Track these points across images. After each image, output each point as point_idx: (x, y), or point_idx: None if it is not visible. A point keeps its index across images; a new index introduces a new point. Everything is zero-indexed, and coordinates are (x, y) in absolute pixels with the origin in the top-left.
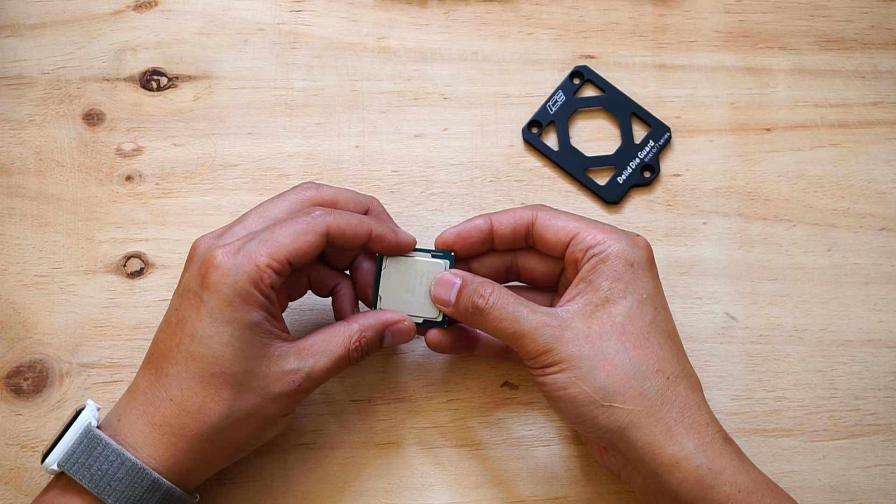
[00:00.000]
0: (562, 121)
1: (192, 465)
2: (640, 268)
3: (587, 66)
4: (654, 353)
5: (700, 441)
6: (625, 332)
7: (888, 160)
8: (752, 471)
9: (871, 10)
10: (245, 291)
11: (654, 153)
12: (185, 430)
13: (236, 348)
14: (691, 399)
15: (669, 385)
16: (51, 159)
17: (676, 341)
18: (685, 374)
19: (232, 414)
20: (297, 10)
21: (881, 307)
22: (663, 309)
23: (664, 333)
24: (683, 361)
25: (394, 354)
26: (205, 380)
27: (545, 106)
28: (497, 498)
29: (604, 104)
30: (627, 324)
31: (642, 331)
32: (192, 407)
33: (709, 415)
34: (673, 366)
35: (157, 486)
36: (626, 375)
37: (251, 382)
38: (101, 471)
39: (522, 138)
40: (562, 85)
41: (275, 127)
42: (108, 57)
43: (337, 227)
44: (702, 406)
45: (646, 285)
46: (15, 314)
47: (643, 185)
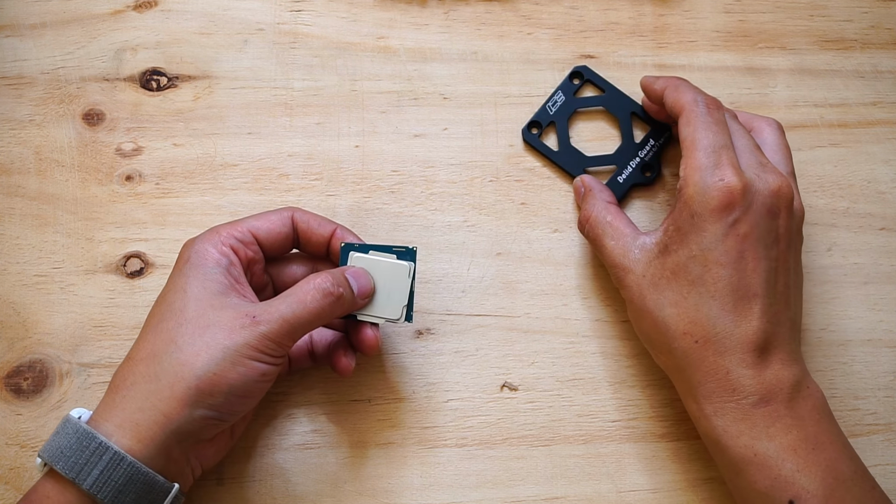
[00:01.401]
0: (562, 121)
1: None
2: (702, 219)
3: (587, 66)
4: (687, 315)
5: (719, 406)
6: (669, 286)
7: (888, 160)
8: (778, 436)
9: (871, 10)
10: (203, 250)
11: (655, 152)
12: (136, 378)
13: (191, 294)
14: (718, 364)
15: (696, 349)
16: (51, 159)
17: (723, 300)
18: (718, 337)
19: (178, 348)
20: (296, 10)
21: (881, 307)
22: (717, 265)
23: (707, 293)
24: (723, 322)
25: (394, 354)
26: (158, 327)
27: (545, 106)
28: (497, 498)
29: (604, 104)
30: (672, 279)
31: (682, 289)
32: (143, 353)
33: (741, 380)
34: (704, 328)
35: (102, 448)
36: (659, 332)
37: (199, 319)
38: (58, 444)
39: (522, 139)
40: (561, 85)
41: (275, 127)
42: (108, 57)
43: (303, 216)
44: (732, 371)
45: (701, 240)
46: (15, 314)
47: (644, 185)
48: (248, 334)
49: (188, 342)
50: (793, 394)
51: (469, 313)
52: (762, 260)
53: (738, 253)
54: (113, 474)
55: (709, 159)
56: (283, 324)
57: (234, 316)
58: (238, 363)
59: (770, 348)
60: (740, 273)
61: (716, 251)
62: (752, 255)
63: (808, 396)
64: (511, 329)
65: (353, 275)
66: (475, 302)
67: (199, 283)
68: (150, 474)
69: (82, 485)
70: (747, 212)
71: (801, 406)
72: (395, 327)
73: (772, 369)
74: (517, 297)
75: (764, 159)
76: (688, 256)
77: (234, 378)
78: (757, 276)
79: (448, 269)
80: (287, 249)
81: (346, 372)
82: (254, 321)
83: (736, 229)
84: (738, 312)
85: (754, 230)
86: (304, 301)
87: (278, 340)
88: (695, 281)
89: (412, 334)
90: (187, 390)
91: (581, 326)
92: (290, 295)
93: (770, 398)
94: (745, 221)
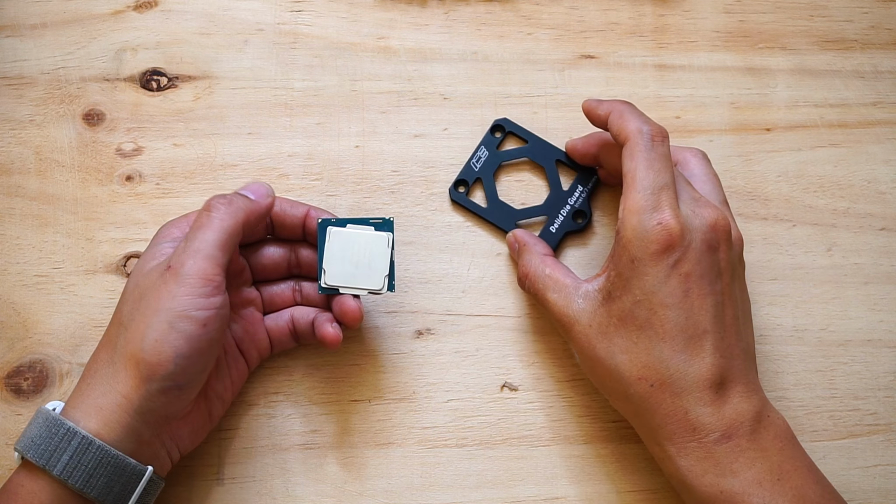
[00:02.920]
0: (488, 177)
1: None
2: (642, 263)
3: (507, 118)
4: (639, 360)
5: (681, 447)
6: (617, 334)
7: (888, 160)
8: (742, 471)
9: (871, 10)
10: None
11: (585, 198)
12: (98, 365)
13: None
14: (676, 406)
15: (652, 392)
16: (51, 159)
17: (673, 341)
18: (673, 379)
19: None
20: (297, 11)
21: (881, 307)
22: (662, 307)
23: (656, 337)
24: (676, 363)
25: (394, 354)
26: (114, 313)
27: (469, 163)
28: (497, 498)
29: (528, 154)
30: (620, 326)
31: (631, 335)
32: (102, 342)
33: (700, 418)
34: (658, 372)
35: (70, 434)
36: (613, 379)
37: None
38: (30, 433)
39: (450, 199)
40: (484, 140)
41: (275, 127)
42: (108, 57)
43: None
44: (691, 411)
45: (644, 284)
46: (15, 314)
47: (577, 231)
48: (172, 287)
49: (130, 318)
50: (754, 425)
51: (469, 313)
52: (707, 296)
53: (683, 292)
54: (82, 458)
55: (647, 201)
56: (197, 255)
57: (157, 276)
58: (174, 321)
59: (727, 383)
60: (687, 312)
61: (660, 294)
62: (696, 292)
63: (769, 426)
64: (511, 329)
65: (246, 188)
66: (475, 302)
67: (143, 260)
68: (120, 457)
69: (52, 471)
70: (687, 250)
71: (764, 436)
72: (395, 326)
73: (731, 404)
74: (517, 297)
75: (696, 193)
76: (632, 302)
77: (176, 338)
78: (704, 312)
79: (448, 269)
80: (261, 235)
81: (334, 341)
82: (170, 270)
83: (678, 269)
84: (690, 351)
85: (696, 267)
86: (200, 225)
87: (202, 276)
88: (642, 325)
89: (412, 334)
90: (137, 366)
91: None
92: (189, 231)
93: (732, 433)
94: (687, 260)
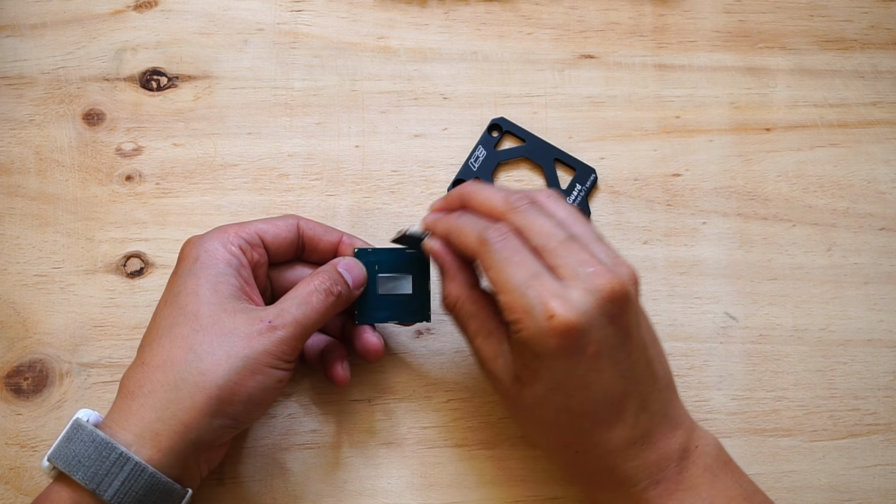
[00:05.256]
0: (486, 176)
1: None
2: (547, 359)
3: (504, 117)
4: (561, 435)
5: (612, 497)
6: (534, 415)
7: (888, 160)
8: None
9: (870, 10)
10: (213, 248)
11: (583, 196)
12: (154, 386)
13: (203, 297)
14: (604, 464)
15: (579, 457)
16: (51, 159)
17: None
18: (598, 445)
19: (197, 357)
20: (297, 10)
21: (881, 307)
22: (577, 390)
23: (575, 415)
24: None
25: (394, 354)
26: (172, 332)
27: (468, 163)
28: (497, 498)
29: (525, 154)
30: (536, 409)
31: (549, 415)
32: (158, 360)
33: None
34: (582, 442)
35: (123, 459)
36: (541, 442)
37: (216, 326)
38: (74, 451)
39: None
40: (481, 140)
41: (275, 127)
42: (108, 57)
43: (308, 224)
44: (619, 467)
45: (553, 375)
46: (15, 314)
47: None
48: (266, 341)
49: (207, 351)
50: (681, 463)
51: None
52: (620, 363)
53: (596, 372)
54: (133, 485)
55: (527, 299)
56: (297, 327)
57: (249, 321)
58: (257, 371)
59: (651, 436)
60: (603, 387)
61: (573, 380)
62: (608, 365)
63: (697, 458)
64: None
65: (346, 268)
66: None
67: (210, 285)
68: (169, 483)
69: (103, 495)
70: (590, 334)
71: (692, 472)
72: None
73: (657, 452)
74: None
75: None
76: (545, 390)
77: (253, 386)
78: (620, 379)
79: None
80: (290, 256)
81: (342, 382)
82: (270, 327)
83: (585, 353)
84: (612, 420)
85: (604, 344)
86: (310, 303)
87: (294, 344)
88: (559, 408)
89: (413, 334)
90: (208, 400)
91: None
92: (296, 298)
93: (660, 478)
94: (592, 342)
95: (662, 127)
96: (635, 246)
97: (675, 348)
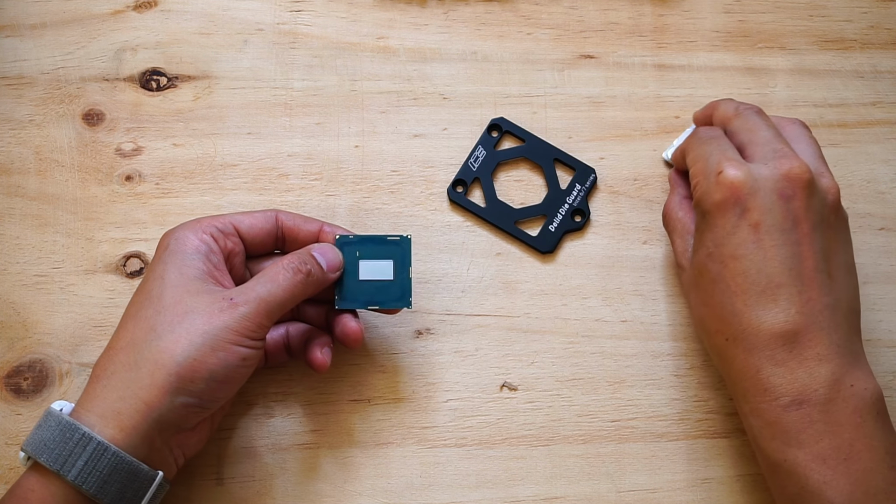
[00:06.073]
0: (486, 176)
1: (132, 410)
2: (711, 216)
3: (504, 117)
4: (715, 314)
5: (754, 406)
6: (698, 286)
7: (888, 160)
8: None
9: (870, 10)
10: (182, 236)
11: (583, 196)
12: (116, 367)
13: (168, 280)
14: (749, 363)
15: (728, 347)
16: (51, 159)
17: (745, 295)
18: (745, 334)
19: (158, 335)
20: (296, 10)
21: (881, 307)
22: (732, 259)
23: (728, 290)
24: (748, 318)
25: (394, 354)
26: (137, 315)
27: (467, 163)
28: (497, 498)
29: (525, 154)
30: (699, 279)
31: (707, 288)
32: (122, 342)
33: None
34: (732, 326)
35: (86, 439)
36: (701, 329)
37: (177, 306)
38: (41, 436)
39: (448, 199)
40: (481, 140)
41: (274, 127)
42: (108, 57)
43: (288, 216)
44: (762, 370)
45: (714, 236)
46: (15, 314)
47: (575, 230)
48: (227, 318)
49: (167, 329)
50: (830, 394)
51: (469, 313)
52: (781, 246)
53: (753, 243)
54: (97, 464)
55: (708, 162)
56: (261, 304)
57: (212, 300)
58: (218, 348)
59: (802, 341)
60: (758, 264)
61: (729, 245)
62: (768, 242)
63: (849, 397)
64: (511, 329)
65: (320, 251)
66: (475, 302)
67: (176, 269)
68: (135, 463)
69: (67, 476)
70: (754, 199)
71: (840, 409)
72: (395, 326)
73: (805, 366)
74: (517, 297)
75: (782, 147)
76: (706, 255)
77: (215, 363)
78: (778, 263)
79: (448, 269)
80: (270, 247)
81: (321, 367)
82: (232, 304)
83: (745, 219)
84: (763, 306)
85: (766, 217)
86: (276, 280)
87: (258, 321)
88: (715, 279)
89: (412, 334)
90: (167, 377)
91: (580, 326)
92: (263, 276)
93: (803, 400)
94: (755, 210)
95: (662, 127)
96: (635, 246)
97: (675, 348)
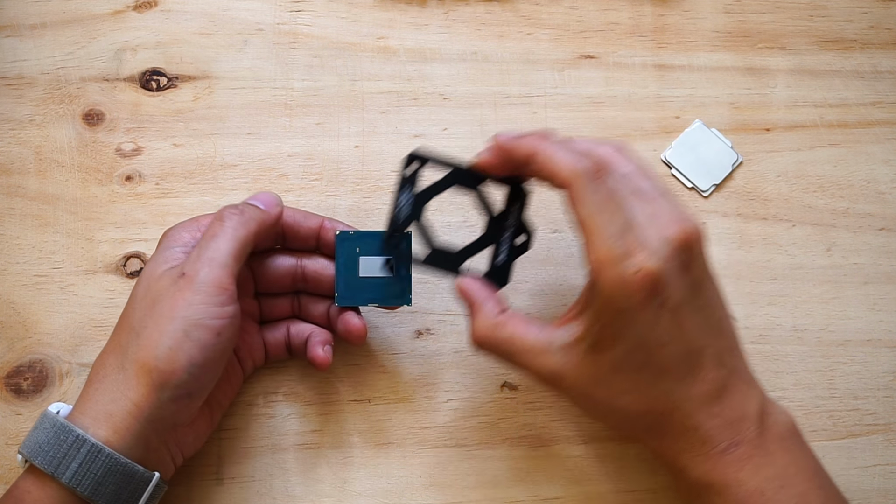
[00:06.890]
0: (417, 221)
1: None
2: (630, 313)
3: (421, 146)
4: (644, 398)
5: (691, 459)
6: (615, 379)
7: (888, 160)
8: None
9: (870, 10)
10: (174, 233)
11: (518, 214)
12: (107, 370)
13: (144, 276)
14: (686, 426)
15: (661, 420)
16: (51, 159)
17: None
18: (679, 404)
19: (136, 335)
20: (296, 11)
21: (881, 307)
22: (659, 346)
23: (657, 372)
24: (681, 389)
25: (394, 354)
26: (122, 316)
27: (395, 215)
28: (497, 498)
29: (454, 182)
30: (616, 372)
31: (630, 377)
32: (112, 345)
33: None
34: (664, 403)
35: (80, 441)
36: (619, 418)
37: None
38: (37, 439)
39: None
40: (401, 183)
41: (274, 127)
42: (108, 57)
43: (286, 211)
44: (701, 426)
45: (636, 332)
46: (15, 314)
47: (524, 251)
48: (187, 295)
49: (142, 325)
50: (759, 426)
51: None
52: (696, 314)
53: (676, 325)
54: (91, 466)
55: (617, 249)
56: (211, 263)
57: (170, 282)
58: (189, 330)
59: (729, 388)
60: (684, 341)
61: (654, 335)
62: (686, 317)
63: (773, 424)
64: None
65: (253, 197)
66: None
67: (154, 264)
68: (129, 465)
69: (61, 478)
70: (669, 286)
71: (769, 439)
72: (395, 326)
73: (734, 405)
74: (517, 297)
75: (647, 207)
76: (626, 351)
77: (191, 346)
78: (697, 331)
79: None
80: (269, 244)
81: (323, 364)
82: (185, 278)
83: (666, 307)
84: (692, 373)
85: (682, 295)
86: (214, 234)
87: (216, 283)
88: (641, 367)
89: (412, 334)
90: (149, 374)
91: None
92: (202, 237)
93: (739, 440)
94: (672, 295)
95: (662, 127)
96: None
97: None
